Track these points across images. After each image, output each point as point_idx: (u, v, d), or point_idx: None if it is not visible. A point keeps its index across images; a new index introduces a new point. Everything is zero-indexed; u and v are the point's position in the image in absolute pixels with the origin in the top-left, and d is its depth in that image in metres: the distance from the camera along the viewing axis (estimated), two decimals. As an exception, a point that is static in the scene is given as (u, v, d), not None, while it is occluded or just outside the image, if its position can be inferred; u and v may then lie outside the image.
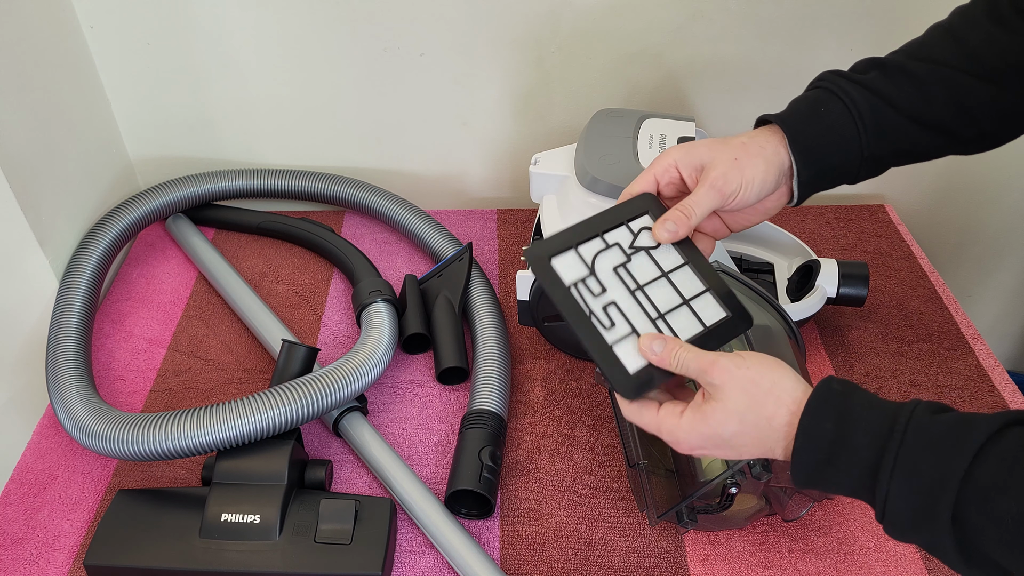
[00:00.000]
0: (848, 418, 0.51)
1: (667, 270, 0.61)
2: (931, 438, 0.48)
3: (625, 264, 0.61)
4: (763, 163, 0.63)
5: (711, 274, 0.62)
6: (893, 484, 0.48)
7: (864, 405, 0.51)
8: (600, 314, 0.58)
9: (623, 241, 0.62)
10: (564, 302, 0.58)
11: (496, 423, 0.77)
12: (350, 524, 0.67)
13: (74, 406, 0.76)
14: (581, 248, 0.61)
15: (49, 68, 0.90)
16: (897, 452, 0.48)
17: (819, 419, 0.51)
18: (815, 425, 0.51)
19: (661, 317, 0.59)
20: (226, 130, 1.07)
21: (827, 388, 0.53)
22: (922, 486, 0.47)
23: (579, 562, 0.71)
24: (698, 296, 0.61)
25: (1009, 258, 1.25)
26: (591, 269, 0.60)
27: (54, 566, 0.70)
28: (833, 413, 0.51)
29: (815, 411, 0.52)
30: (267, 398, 0.71)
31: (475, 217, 1.11)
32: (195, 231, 1.03)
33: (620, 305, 0.59)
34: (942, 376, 0.87)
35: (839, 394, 0.52)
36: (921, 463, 0.48)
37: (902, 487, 0.48)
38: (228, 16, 0.96)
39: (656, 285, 0.60)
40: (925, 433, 0.49)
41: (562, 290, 0.59)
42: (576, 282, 0.59)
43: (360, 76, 1.02)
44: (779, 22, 0.99)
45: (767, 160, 0.64)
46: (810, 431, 0.51)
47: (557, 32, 0.99)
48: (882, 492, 0.49)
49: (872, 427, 0.50)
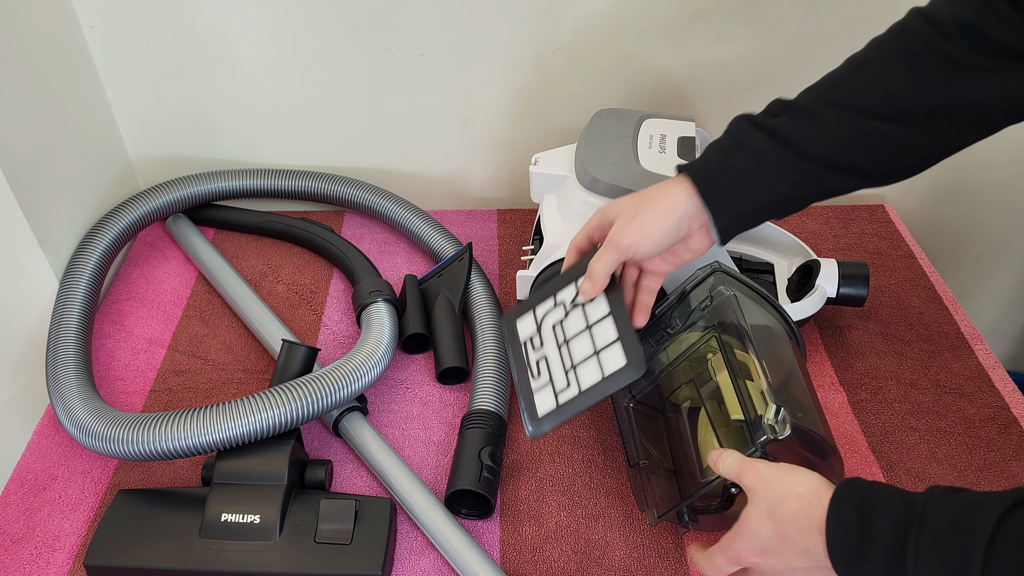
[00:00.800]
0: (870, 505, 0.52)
1: (591, 323, 0.69)
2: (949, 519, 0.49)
3: (562, 320, 0.70)
4: (661, 216, 0.66)
5: (624, 323, 0.67)
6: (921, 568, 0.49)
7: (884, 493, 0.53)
8: (534, 366, 0.70)
9: (567, 299, 0.71)
10: (516, 356, 0.71)
11: (496, 423, 0.77)
12: (350, 524, 0.67)
13: (74, 406, 0.76)
14: (538, 308, 0.72)
15: (49, 68, 0.90)
16: (918, 536, 0.49)
17: (844, 508, 0.53)
18: (841, 515, 0.53)
19: (573, 369, 0.68)
20: (226, 130, 1.07)
21: (850, 482, 0.55)
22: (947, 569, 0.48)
23: (579, 562, 0.71)
24: (607, 346, 0.67)
25: (1009, 258, 1.25)
26: (538, 327, 0.71)
27: (54, 566, 0.70)
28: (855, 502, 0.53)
29: (840, 502, 0.53)
30: (267, 398, 0.71)
31: (475, 217, 1.11)
32: (195, 231, 1.03)
33: (548, 359, 0.70)
34: (942, 376, 0.87)
35: (862, 487, 0.54)
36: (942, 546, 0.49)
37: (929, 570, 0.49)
38: (228, 16, 0.96)
39: (578, 339, 0.69)
40: (942, 514, 0.50)
41: (518, 346, 0.72)
42: (527, 340, 0.71)
43: (360, 76, 1.02)
44: (779, 22, 0.99)
45: (666, 212, 0.66)
46: (838, 520, 0.53)
47: (557, 32, 0.99)
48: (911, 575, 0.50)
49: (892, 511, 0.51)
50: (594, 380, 0.66)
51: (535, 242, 0.90)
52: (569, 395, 0.67)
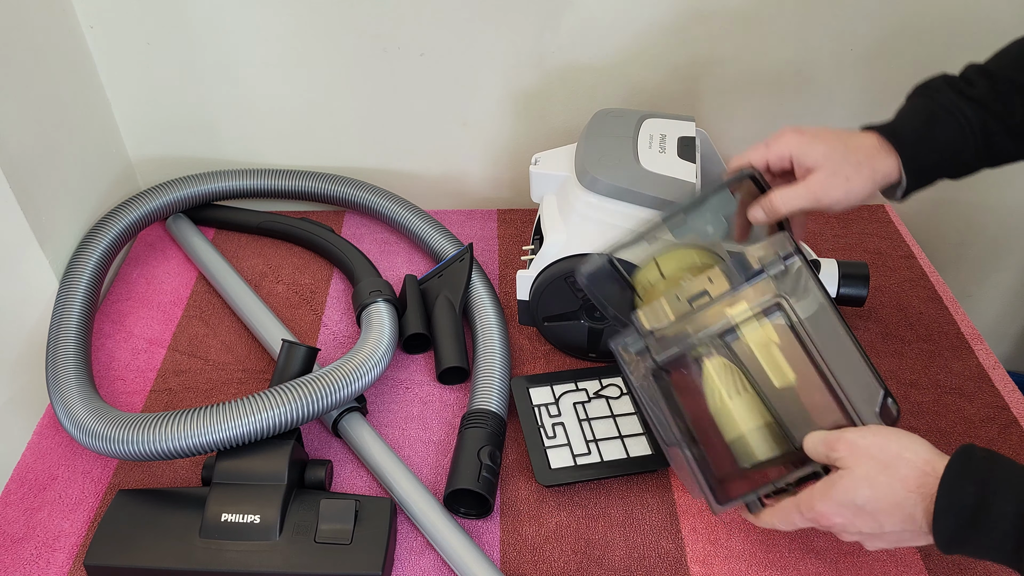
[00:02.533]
0: (991, 483, 0.50)
1: (616, 414, 0.80)
2: None
3: (584, 403, 0.81)
4: (871, 185, 0.68)
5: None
6: None
7: (1008, 472, 0.51)
8: (548, 427, 0.79)
9: (590, 388, 0.82)
10: (525, 414, 0.80)
11: (496, 423, 0.77)
12: (350, 524, 0.67)
13: (74, 406, 0.76)
14: (555, 386, 0.83)
15: (49, 68, 0.90)
16: None
17: (961, 480, 0.51)
18: (957, 487, 0.51)
19: (594, 440, 0.77)
20: (226, 130, 1.07)
21: (969, 452, 0.53)
22: None
23: (579, 562, 0.71)
24: (633, 436, 0.78)
25: (1009, 258, 1.25)
26: (556, 400, 0.81)
27: (54, 566, 0.70)
28: (975, 475, 0.51)
29: (957, 472, 0.51)
30: (267, 398, 0.71)
31: (475, 217, 1.11)
32: (195, 231, 1.03)
33: (566, 425, 0.79)
34: (942, 376, 0.87)
35: (982, 459, 0.52)
36: None
37: None
38: (228, 16, 0.96)
39: (602, 421, 0.79)
40: None
41: (528, 407, 0.81)
42: (541, 404, 0.81)
43: (360, 76, 1.02)
44: (779, 22, 0.99)
45: (875, 183, 0.68)
46: (952, 493, 0.51)
47: (557, 32, 0.99)
48: None
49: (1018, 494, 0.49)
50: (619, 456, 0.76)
51: (535, 242, 0.90)
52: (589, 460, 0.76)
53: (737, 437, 0.64)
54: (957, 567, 0.70)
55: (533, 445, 0.77)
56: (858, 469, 0.55)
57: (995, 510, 0.49)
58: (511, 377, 0.84)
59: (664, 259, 0.73)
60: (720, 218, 0.73)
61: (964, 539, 0.51)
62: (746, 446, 0.64)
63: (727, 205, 0.73)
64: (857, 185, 0.67)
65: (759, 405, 0.65)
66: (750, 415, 0.64)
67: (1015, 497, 0.49)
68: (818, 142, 0.68)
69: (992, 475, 0.51)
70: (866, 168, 0.68)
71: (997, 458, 0.52)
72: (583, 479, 0.75)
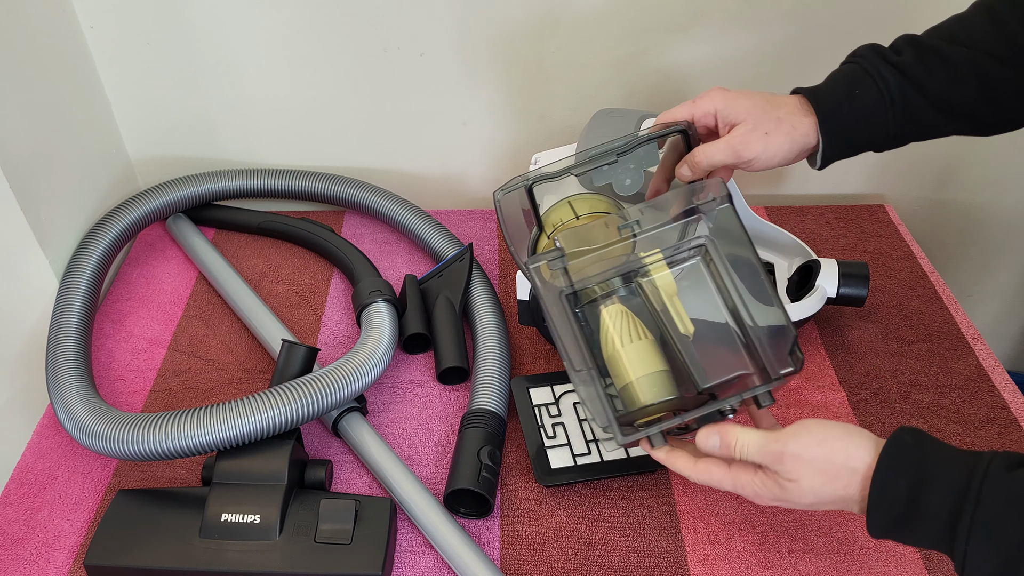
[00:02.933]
0: (922, 476, 0.51)
1: None
2: (1008, 499, 0.48)
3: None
4: (789, 142, 0.68)
5: None
6: (971, 546, 0.48)
7: (938, 460, 0.51)
8: (548, 427, 0.79)
9: None
10: (525, 415, 0.80)
11: (496, 423, 0.77)
12: (350, 524, 0.67)
13: (74, 406, 0.76)
14: (555, 386, 0.83)
15: (49, 68, 0.90)
16: (973, 513, 0.48)
17: (892, 476, 0.52)
18: (888, 483, 0.52)
19: (594, 440, 0.77)
20: (226, 130, 1.07)
21: (898, 442, 0.53)
22: (1001, 549, 0.47)
23: (579, 562, 0.71)
24: None
25: (1009, 258, 1.25)
26: (556, 400, 0.81)
27: (54, 566, 0.70)
28: (906, 470, 0.51)
29: (888, 468, 0.52)
30: (267, 398, 0.71)
31: (475, 217, 1.11)
32: (195, 231, 1.03)
33: (566, 425, 0.79)
34: (942, 376, 0.87)
35: (911, 447, 0.52)
36: (998, 525, 0.47)
37: (980, 550, 0.48)
38: (228, 16, 0.96)
39: None
40: (1001, 493, 0.48)
41: (528, 407, 0.81)
42: (540, 404, 0.81)
43: (360, 76, 1.02)
44: (779, 22, 0.99)
45: (793, 140, 0.69)
46: (884, 490, 0.52)
47: (557, 32, 0.99)
48: (960, 553, 0.49)
49: (947, 486, 0.50)
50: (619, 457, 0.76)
51: (535, 242, 0.90)
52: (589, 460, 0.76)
53: (625, 385, 0.64)
54: (957, 567, 0.70)
55: (533, 445, 0.77)
56: (804, 481, 0.56)
57: (927, 502, 0.50)
58: (511, 377, 0.84)
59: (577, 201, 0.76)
60: (640, 172, 0.74)
61: (896, 533, 0.52)
62: (632, 393, 0.64)
63: (650, 159, 0.73)
64: (776, 140, 0.68)
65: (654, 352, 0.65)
66: (641, 362, 0.64)
67: (943, 487, 0.50)
68: (743, 98, 0.69)
69: (922, 465, 0.51)
70: (786, 124, 0.68)
71: (926, 445, 0.53)
72: (583, 479, 0.75)
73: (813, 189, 1.15)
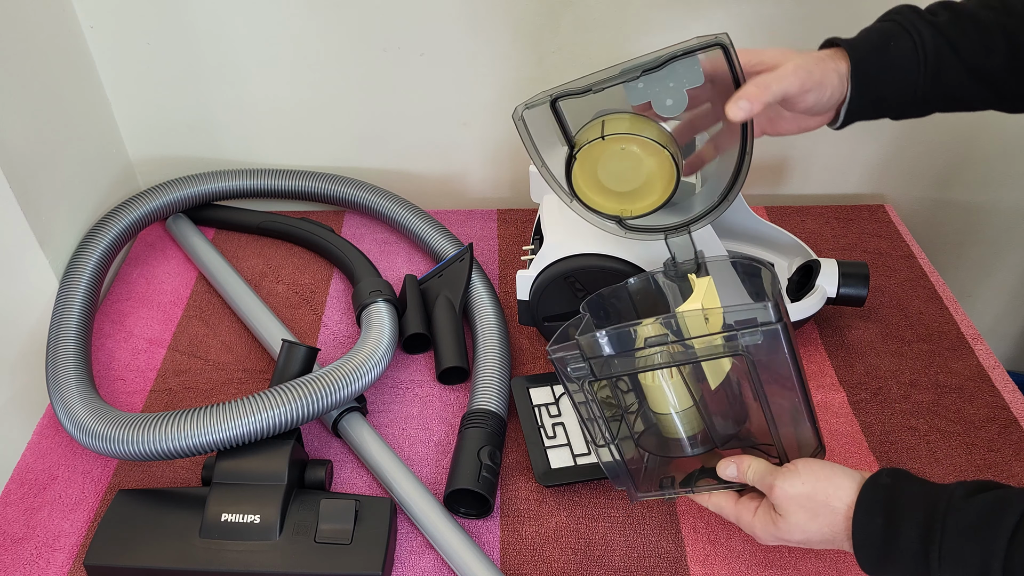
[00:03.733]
0: (894, 514, 0.54)
1: None
2: (969, 523, 0.51)
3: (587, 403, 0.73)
4: (836, 77, 0.67)
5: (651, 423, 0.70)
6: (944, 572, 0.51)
7: (909, 496, 0.54)
8: (548, 427, 0.79)
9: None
10: (525, 415, 0.80)
11: (496, 423, 0.77)
12: (350, 524, 0.67)
13: (74, 406, 0.76)
14: (555, 386, 0.82)
15: (49, 68, 0.90)
16: (940, 543, 0.51)
17: (870, 517, 0.55)
18: (867, 523, 0.55)
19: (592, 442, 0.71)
20: (226, 130, 1.07)
21: (875, 483, 0.56)
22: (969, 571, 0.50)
23: (579, 562, 0.71)
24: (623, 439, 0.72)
25: (1009, 258, 1.25)
26: (556, 400, 0.81)
27: (54, 566, 0.70)
28: (881, 510, 0.55)
29: (866, 510, 0.56)
30: (267, 398, 0.71)
31: (475, 217, 1.11)
32: (195, 231, 1.03)
33: (566, 425, 0.79)
34: (942, 376, 0.87)
35: (886, 487, 0.56)
36: (962, 552, 0.50)
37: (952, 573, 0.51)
38: (228, 16, 0.96)
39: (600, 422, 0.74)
40: (963, 520, 0.51)
41: (528, 407, 0.81)
42: (540, 404, 0.81)
43: (360, 76, 1.02)
44: (779, 22, 0.99)
45: (840, 77, 0.67)
46: (864, 529, 0.55)
47: (557, 32, 0.99)
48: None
49: (916, 521, 0.53)
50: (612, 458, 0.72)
51: (535, 242, 0.90)
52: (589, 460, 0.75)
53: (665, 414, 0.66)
54: (957, 567, 0.70)
55: (533, 445, 0.77)
56: (791, 517, 0.60)
57: (902, 538, 0.53)
58: (511, 377, 0.84)
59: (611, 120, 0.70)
60: (681, 91, 0.66)
61: (883, 566, 0.55)
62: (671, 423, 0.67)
63: (692, 77, 0.66)
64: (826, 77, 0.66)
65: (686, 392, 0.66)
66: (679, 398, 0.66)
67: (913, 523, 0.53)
68: (769, 48, 0.68)
69: (895, 503, 0.55)
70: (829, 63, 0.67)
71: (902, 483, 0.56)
72: (583, 479, 0.75)
73: (813, 189, 1.15)
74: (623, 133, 0.69)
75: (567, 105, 0.70)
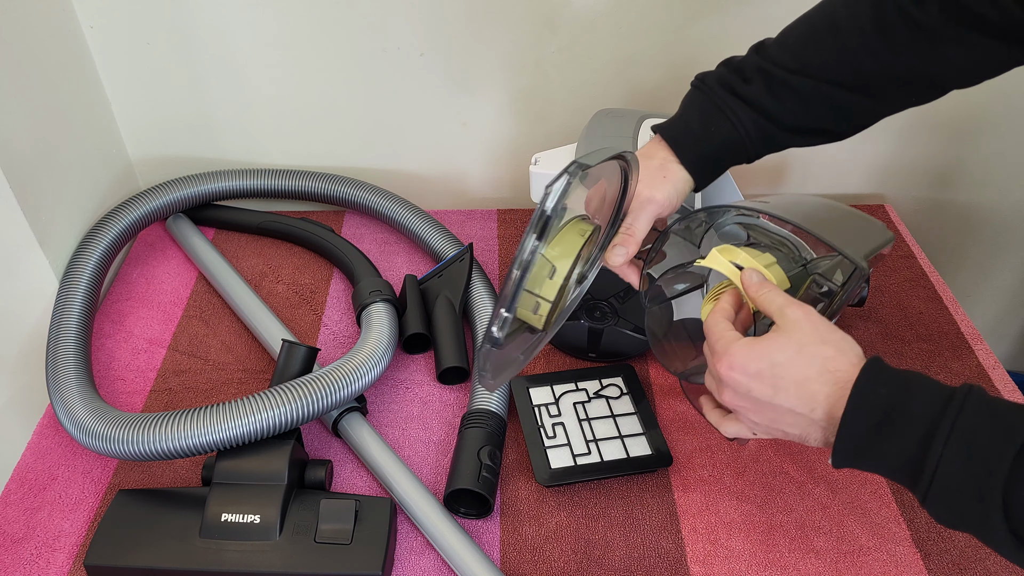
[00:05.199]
0: (906, 387, 0.51)
1: (616, 414, 0.81)
2: (992, 411, 0.48)
3: (584, 403, 0.82)
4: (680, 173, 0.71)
5: (651, 423, 0.79)
6: (947, 451, 0.47)
7: (920, 378, 0.51)
8: (548, 427, 0.79)
9: (590, 388, 0.83)
10: (525, 415, 0.80)
11: (496, 423, 0.78)
12: (350, 524, 0.67)
13: (74, 406, 0.76)
14: (555, 386, 0.83)
15: (49, 68, 0.90)
16: (956, 417, 0.48)
17: (876, 384, 0.51)
18: (871, 389, 0.51)
19: (594, 440, 0.78)
20: (226, 130, 1.07)
21: (881, 361, 0.53)
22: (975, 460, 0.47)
23: (579, 562, 0.71)
24: (633, 436, 0.79)
25: (1009, 258, 1.25)
26: (556, 399, 0.82)
27: (54, 566, 0.70)
28: (890, 381, 0.51)
29: (873, 376, 0.52)
30: (267, 398, 0.71)
31: (475, 217, 1.11)
32: (195, 231, 1.03)
33: (566, 425, 0.79)
34: (942, 376, 0.87)
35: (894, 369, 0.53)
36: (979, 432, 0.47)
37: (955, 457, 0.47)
38: (228, 16, 0.96)
39: (602, 421, 0.80)
40: (986, 405, 0.48)
41: (528, 407, 0.81)
42: (540, 404, 0.81)
43: (360, 76, 1.02)
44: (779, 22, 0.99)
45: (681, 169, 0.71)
46: (865, 393, 0.51)
47: (557, 32, 0.99)
48: (933, 461, 0.48)
49: (930, 397, 0.50)
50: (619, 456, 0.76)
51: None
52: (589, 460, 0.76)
53: None
54: (957, 567, 0.70)
55: (533, 445, 0.77)
56: (795, 333, 0.56)
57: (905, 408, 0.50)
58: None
59: None
60: None
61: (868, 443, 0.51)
62: None
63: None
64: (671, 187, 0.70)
65: None
66: None
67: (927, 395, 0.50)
68: None
69: (906, 379, 0.51)
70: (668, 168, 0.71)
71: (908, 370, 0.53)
72: (583, 479, 0.75)
73: (813, 189, 1.15)
74: None
75: None
